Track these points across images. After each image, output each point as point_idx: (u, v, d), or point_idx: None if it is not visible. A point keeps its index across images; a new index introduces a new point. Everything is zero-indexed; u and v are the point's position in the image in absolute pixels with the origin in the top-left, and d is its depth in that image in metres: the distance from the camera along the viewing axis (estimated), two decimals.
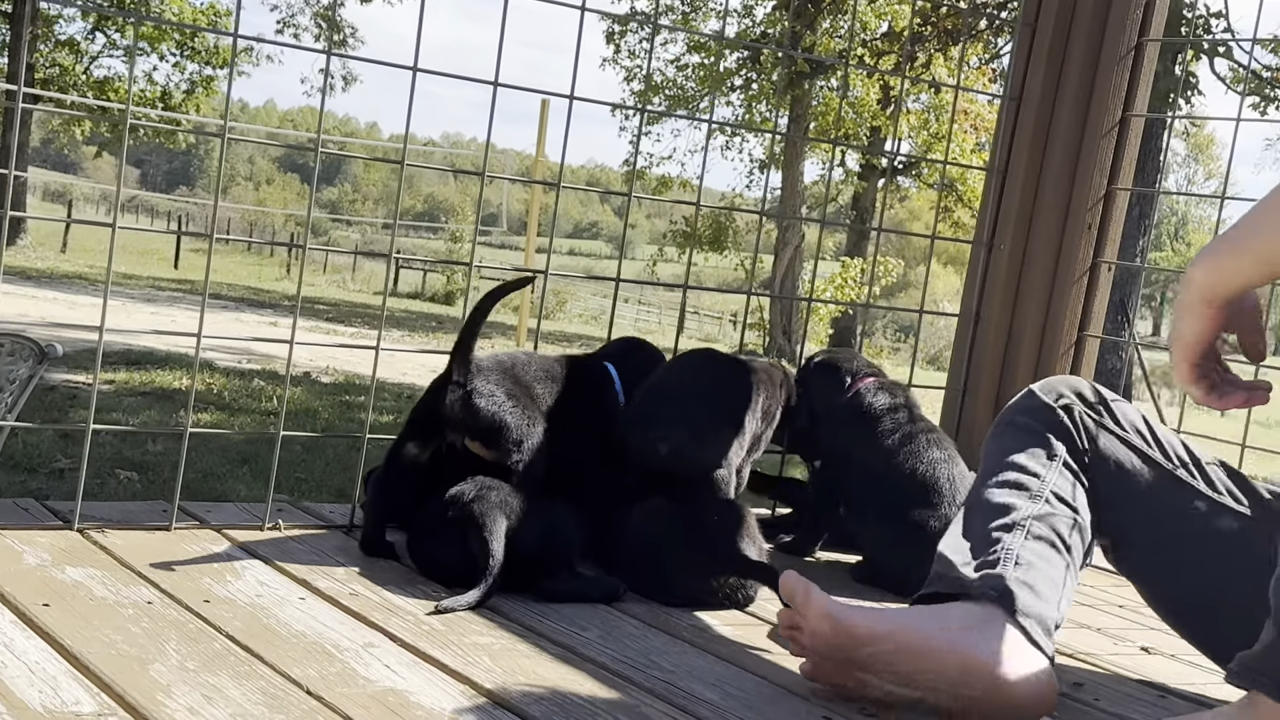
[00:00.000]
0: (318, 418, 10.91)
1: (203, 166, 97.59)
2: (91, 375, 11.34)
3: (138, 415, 9.87)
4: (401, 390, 12.67)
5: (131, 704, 1.70)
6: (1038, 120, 3.23)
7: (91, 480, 7.24)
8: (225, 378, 12.09)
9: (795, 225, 27.29)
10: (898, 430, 2.81)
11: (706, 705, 2.00)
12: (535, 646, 2.16)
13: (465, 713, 1.84)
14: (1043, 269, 3.26)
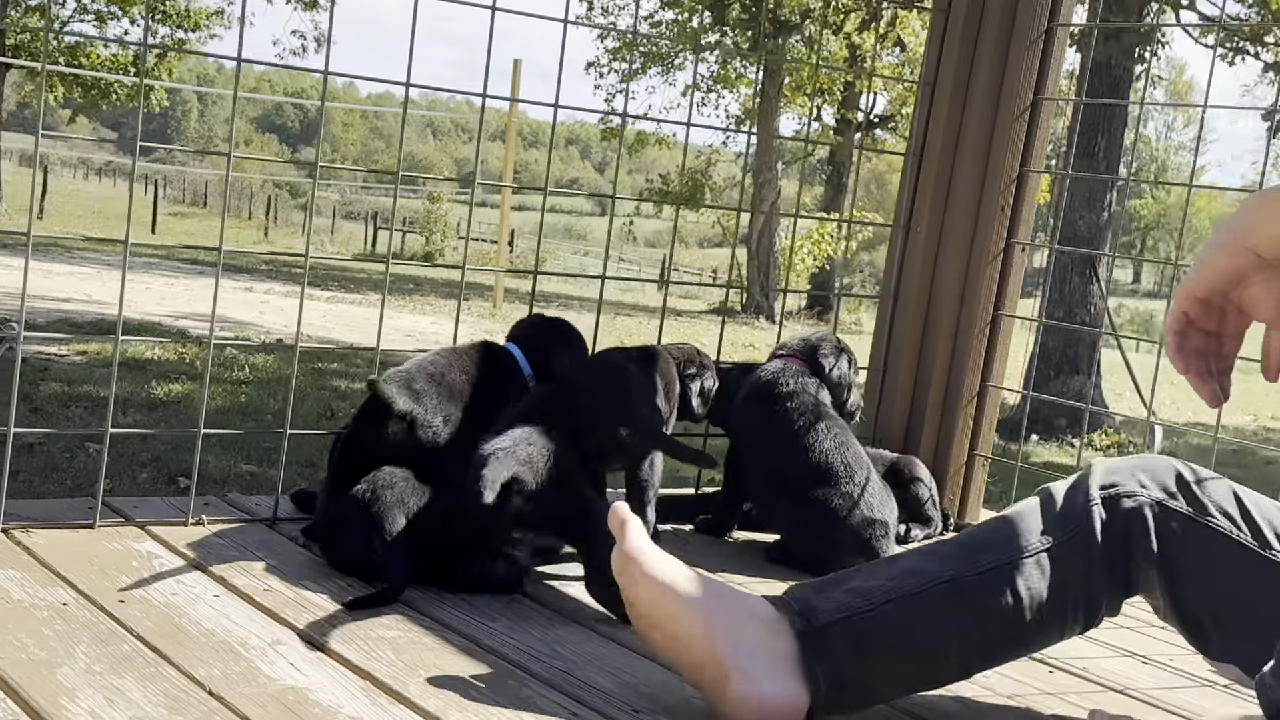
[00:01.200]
0: (288, 386, 10.98)
1: (179, 128, 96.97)
2: (63, 347, 11.36)
3: (108, 386, 9.92)
4: (374, 356, 12.75)
5: (35, 708, 1.78)
6: (951, 104, 3.29)
7: (61, 454, 7.31)
8: (198, 347, 12.13)
9: (772, 181, 27.31)
10: (799, 415, 2.91)
11: (599, 693, 2.09)
12: (440, 639, 2.24)
13: (362, 709, 1.93)
14: (958, 250, 3.33)
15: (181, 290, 17.30)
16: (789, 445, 2.89)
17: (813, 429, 2.90)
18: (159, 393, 9.53)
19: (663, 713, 2.04)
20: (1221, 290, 1.74)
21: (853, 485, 2.86)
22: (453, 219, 34.52)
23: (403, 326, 15.26)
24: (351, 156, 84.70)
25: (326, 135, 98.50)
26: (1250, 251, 1.68)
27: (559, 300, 23.71)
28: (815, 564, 2.89)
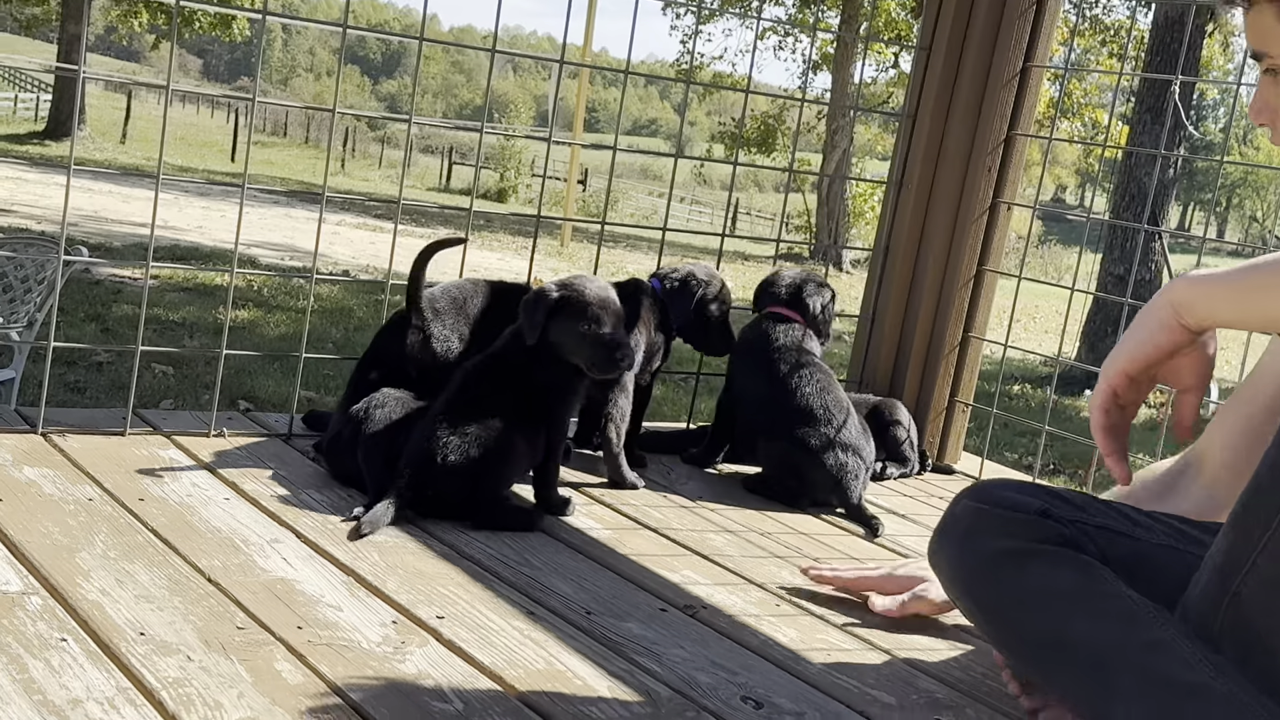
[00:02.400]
0: (352, 316, 11.30)
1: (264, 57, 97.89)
2: (137, 270, 11.76)
3: (179, 310, 10.31)
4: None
5: (53, 585, 2.06)
6: (945, 69, 3.46)
7: (129, 374, 7.70)
8: (266, 275, 12.48)
9: (845, 127, 27.22)
10: (786, 364, 3.13)
11: (559, 597, 2.34)
12: (423, 545, 2.50)
13: (342, 599, 2.19)
14: (947, 207, 3.51)
15: (255, 218, 17.71)
16: (776, 391, 3.12)
17: (797, 375, 3.11)
18: (224, 318, 9.88)
19: (611, 615, 2.28)
20: (1156, 364, 1.82)
21: (830, 428, 3.08)
22: (527, 156, 34.75)
23: (470, 262, 15.55)
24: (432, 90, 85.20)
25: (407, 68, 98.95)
26: (1184, 329, 1.77)
27: (627, 241, 23.90)
28: (789, 497, 3.13)
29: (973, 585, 1.96)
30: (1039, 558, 1.87)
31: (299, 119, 46.05)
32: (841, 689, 2.12)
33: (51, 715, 1.65)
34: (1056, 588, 1.84)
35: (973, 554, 1.94)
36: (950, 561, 2.00)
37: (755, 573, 2.63)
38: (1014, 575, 1.89)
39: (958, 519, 1.99)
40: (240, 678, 1.84)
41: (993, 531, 1.92)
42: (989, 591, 1.94)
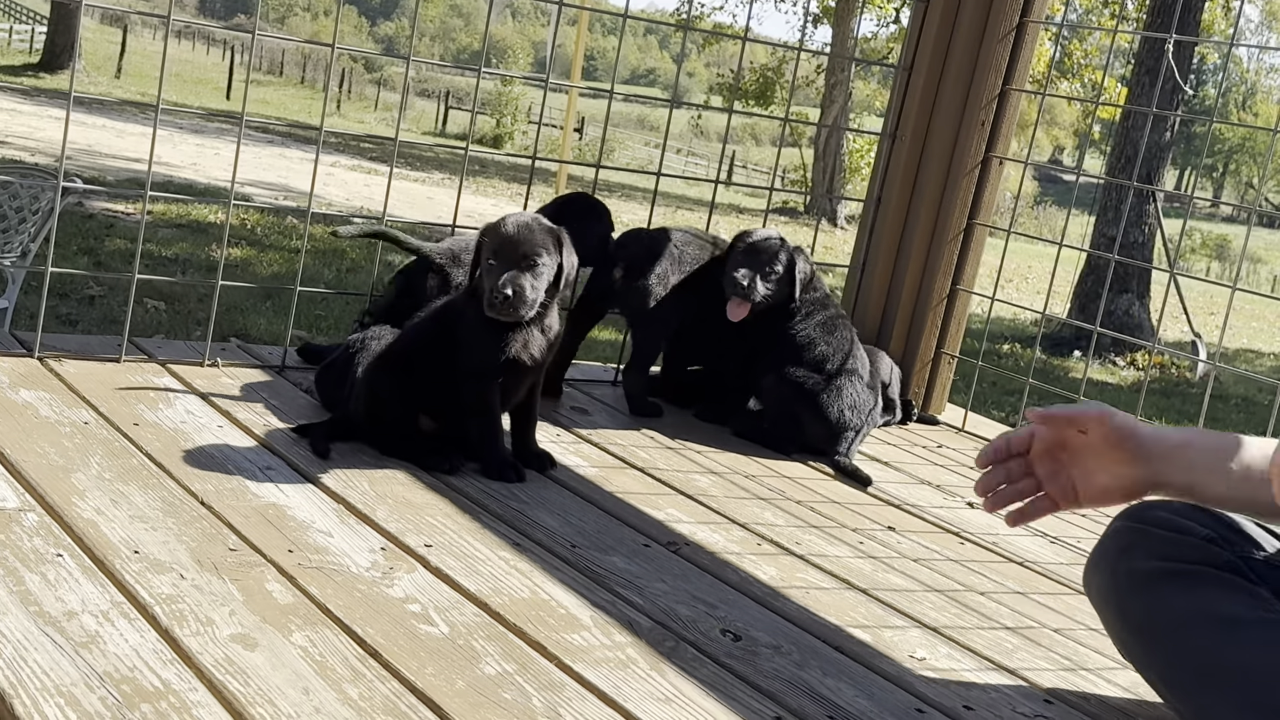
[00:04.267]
0: (345, 258, 11.31)
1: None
2: (130, 205, 11.74)
3: (171, 246, 10.30)
4: (430, 234, 13.05)
5: (49, 503, 2.10)
6: (942, 22, 3.48)
7: (119, 308, 7.69)
8: (260, 214, 12.47)
9: (843, 81, 27.12)
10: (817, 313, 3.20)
11: (543, 530, 2.38)
12: (413, 477, 2.54)
13: (332, 526, 2.23)
14: (939, 161, 3.54)
15: (250, 157, 17.65)
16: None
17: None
18: (218, 255, 9.87)
19: (596, 549, 2.33)
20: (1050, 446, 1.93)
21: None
22: (524, 103, 34.58)
23: (465, 207, 15.53)
24: (429, 33, 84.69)
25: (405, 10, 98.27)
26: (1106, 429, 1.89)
27: (622, 191, 23.85)
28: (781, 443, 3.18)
29: (1127, 605, 1.95)
30: (1204, 581, 1.85)
31: (295, 59, 45.75)
32: (819, 624, 2.17)
33: (48, 626, 1.70)
34: (1221, 613, 1.81)
35: (1129, 573, 1.93)
36: (1104, 580, 1.99)
37: (738, 513, 2.68)
38: (1175, 596, 1.87)
39: (1115, 536, 1.99)
40: (232, 596, 1.89)
41: (1153, 552, 1.91)
42: (1145, 612, 1.91)
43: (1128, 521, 1.98)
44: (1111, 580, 1.97)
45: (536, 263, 2.50)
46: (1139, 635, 1.94)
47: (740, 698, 1.86)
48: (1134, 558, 1.93)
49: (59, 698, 1.53)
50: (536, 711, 1.72)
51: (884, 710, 1.90)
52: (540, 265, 2.50)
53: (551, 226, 2.56)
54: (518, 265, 2.49)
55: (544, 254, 2.51)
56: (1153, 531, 1.94)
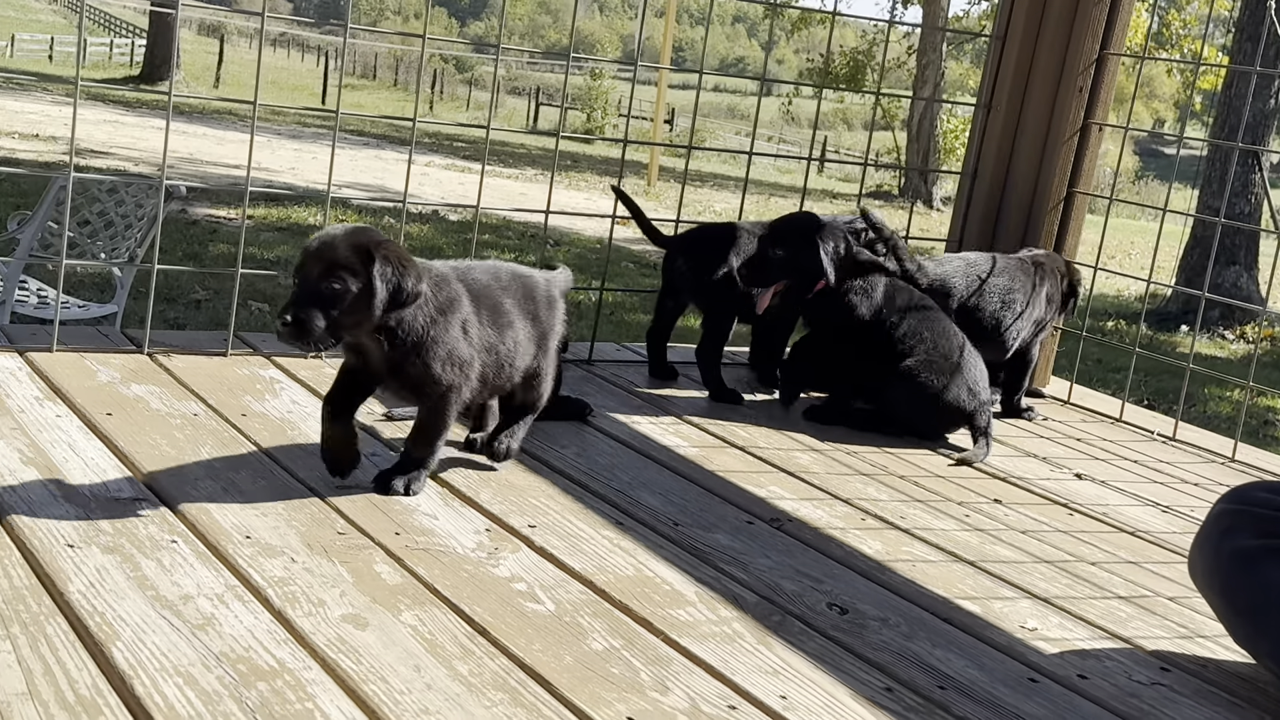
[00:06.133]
0: (441, 254, 11.43)
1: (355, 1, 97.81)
2: (232, 210, 11.97)
3: (273, 249, 10.49)
4: (525, 229, 13.12)
5: (163, 492, 2.14)
6: None
7: (224, 311, 7.84)
8: (358, 215, 12.64)
9: (935, 63, 26.81)
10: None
11: (646, 509, 2.39)
12: (514, 461, 2.56)
13: (437, 509, 2.25)
14: (1035, 129, 3.48)
15: (345, 159, 17.88)
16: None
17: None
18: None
19: (699, 527, 2.33)
20: None
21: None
22: (614, 96, 34.64)
23: (558, 201, 15.60)
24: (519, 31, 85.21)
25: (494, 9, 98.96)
26: None
27: (714, 180, 23.81)
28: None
29: (1233, 585, 1.94)
30: None
31: (387, 62, 46.28)
32: (926, 597, 2.15)
33: (165, 609, 1.73)
34: None
35: (1233, 554, 1.93)
36: (1209, 562, 1.98)
37: (840, 489, 2.66)
38: (1275, 574, 1.87)
39: (1217, 520, 1.98)
40: (342, 578, 1.92)
41: (1257, 531, 1.90)
42: (1251, 590, 1.90)
43: (1229, 504, 1.96)
44: (1215, 562, 1.95)
45: (333, 288, 2.12)
46: (1248, 616, 1.92)
47: (849, 670, 1.85)
48: (1237, 538, 1.92)
49: (177, 678, 1.56)
50: (645, 685, 1.72)
51: (995, 680, 1.88)
52: (336, 290, 2.12)
53: (361, 243, 2.15)
54: (313, 288, 2.13)
55: (345, 276, 2.12)
56: (1255, 511, 1.92)
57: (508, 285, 2.44)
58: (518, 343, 2.39)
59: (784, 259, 3.05)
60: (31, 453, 2.22)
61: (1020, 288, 3.23)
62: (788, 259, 3.04)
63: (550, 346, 2.51)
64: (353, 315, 2.15)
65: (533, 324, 2.44)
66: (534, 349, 2.45)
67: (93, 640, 1.62)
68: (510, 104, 38.91)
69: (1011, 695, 1.84)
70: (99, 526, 1.97)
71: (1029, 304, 3.25)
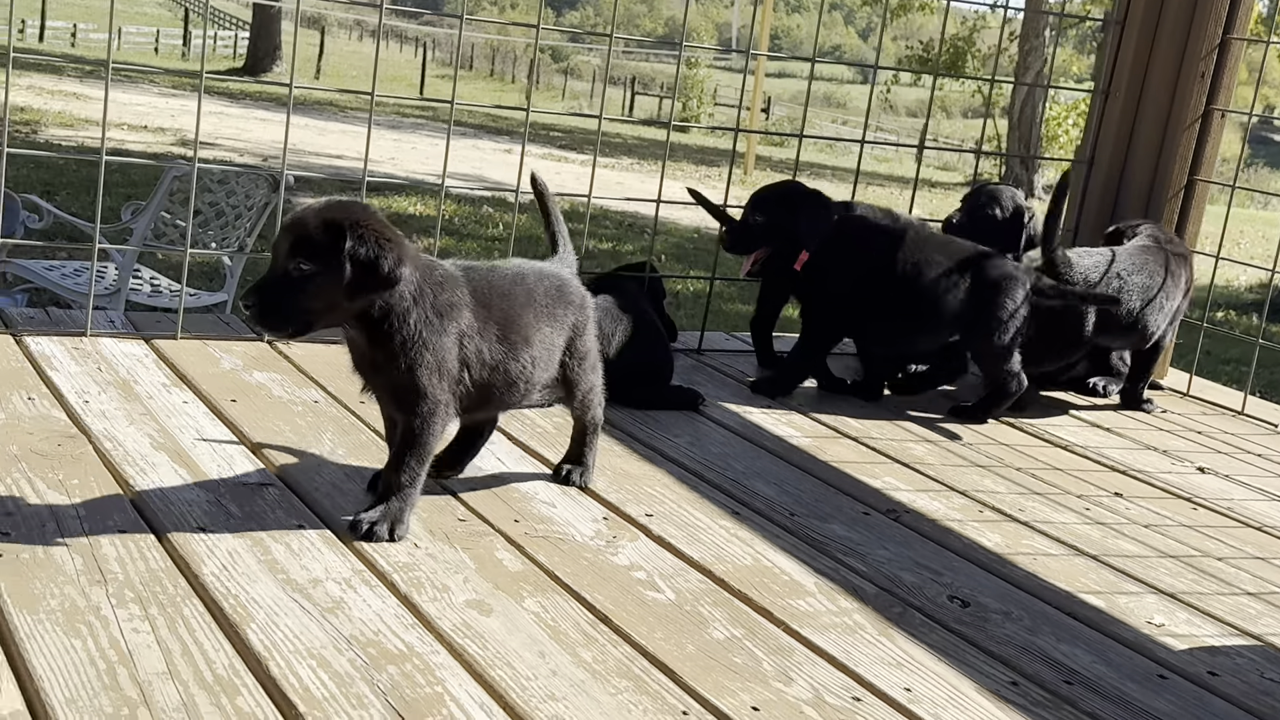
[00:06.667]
0: (540, 244, 11.50)
1: None
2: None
3: None
4: (623, 219, 13.15)
5: (288, 478, 2.18)
6: None
7: None
8: (457, 204, 12.75)
9: (1038, 48, 26.39)
10: None
11: (761, 499, 2.38)
12: (628, 448, 2.57)
13: (556, 497, 2.26)
14: (1155, 116, 3.41)
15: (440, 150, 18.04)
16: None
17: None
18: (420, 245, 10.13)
19: (815, 517, 2.32)
20: None
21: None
22: (709, 85, 34.56)
23: (652, 190, 15.61)
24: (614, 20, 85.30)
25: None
26: None
27: (811, 169, 23.68)
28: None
29: None
30: None
31: (484, 52, 46.58)
32: (1048, 591, 2.13)
33: (295, 593, 1.76)
34: None
35: None
36: None
37: (957, 480, 2.64)
38: None
39: None
40: (464, 564, 1.94)
41: None
42: None
43: None
44: None
45: (301, 268, 1.92)
46: None
47: (973, 663, 1.83)
48: None
49: (311, 660, 1.59)
50: (768, 675, 1.72)
51: (1123, 676, 1.85)
52: (304, 271, 1.92)
53: (334, 219, 1.93)
54: (280, 269, 1.94)
55: (314, 256, 1.91)
56: None
57: (533, 291, 2.18)
58: (535, 359, 2.13)
59: (764, 225, 3.07)
60: (161, 438, 2.26)
61: (1156, 277, 3.17)
62: (767, 225, 3.07)
63: (587, 352, 2.27)
64: (321, 299, 1.93)
65: (560, 333, 2.20)
66: (562, 360, 2.21)
67: (228, 622, 1.66)
68: (607, 93, 39.04)
69: (1140, 691, 1.81)
70: (228, 510, 2.01)
71: (1165, 293, 3.17)
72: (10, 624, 1.57)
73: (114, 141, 13.21)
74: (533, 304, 2.16)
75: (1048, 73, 26.57)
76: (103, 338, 2.79)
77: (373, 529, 1.97)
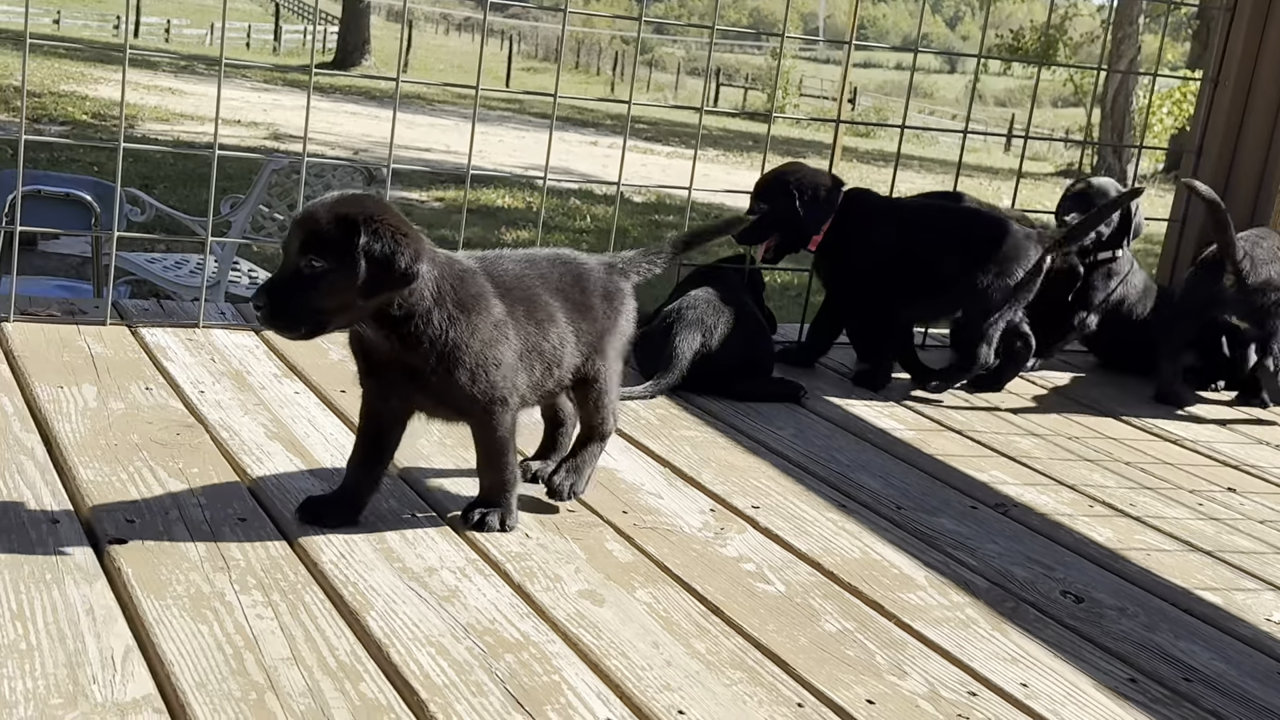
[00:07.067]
0: (627, 235, 11.51)
1: None
2: (423, 192, 12.25)
3: (465, 231, 10.69)
4: (709, 210, 13.13)
5: (398, 466, 2.21)
6: None
7: None
8: (545, 196, 12.82)
9: (1131, 36, 25.95)
10: None
11: (867, 492, 2.37)
12: (732, 440, 2.57)
13: (663, 488, 2.27)
14: (1266, 105, 3.35)
15: (531, 143, 18.13)
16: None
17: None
18: (508, 238, 10.18)
19: (922, 511, 2.31)
20: None
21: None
22: (795, 76, 34.43)
23: (738, 181, 15.57)
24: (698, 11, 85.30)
25: None
26: None
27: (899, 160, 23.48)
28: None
29: None
30: None
31: (570, 45, 46.76)
32: (1163, 587, 2.10)
33: (412, 581, 1.79)
34: None
35: None
36: None
37: (1065, 474, 2.61)
38: None
39: None
40: (575, 555, 1.95)
41: None
42: None
43: None
44: None
45: (313, 265, 1.82)
46: None
47: (1090, 659, 1.81)
48: None
49: (430, 647, 1.61)
50: (881, 668, 1.71)
51: (1243, 674, 1.82)
52: (316, 269, 1.82)
53: (347, 214, 1.82)
54: (292, 266, 1.84)
55: (325, 253, 1.81)
56: None
57: (547, 275, 2.07)
58: (563, 339, 2.03)
59: (768, 214, 3.04)
60: (275, 428, 2.30)
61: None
62: (771, 213, 3.03)
63: (609, 349, 2.12)
64: (335, 298, 1.83)
65: (582, 319, 2.08)
66: (585, 350, 2.08)
67: (348, 609, 1.68)
68: (690, 85, 38.92)
69: (1262, 689, 1.79)
70: None
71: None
72: (139, 609, 1.61)
73: (209, 135, 13.43)
74: (547, 285, 2.06)
75: (1138, 60, 26.12)
76: (215, 329, 2.84)
77: (484, 519, 1.98)
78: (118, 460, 2.06)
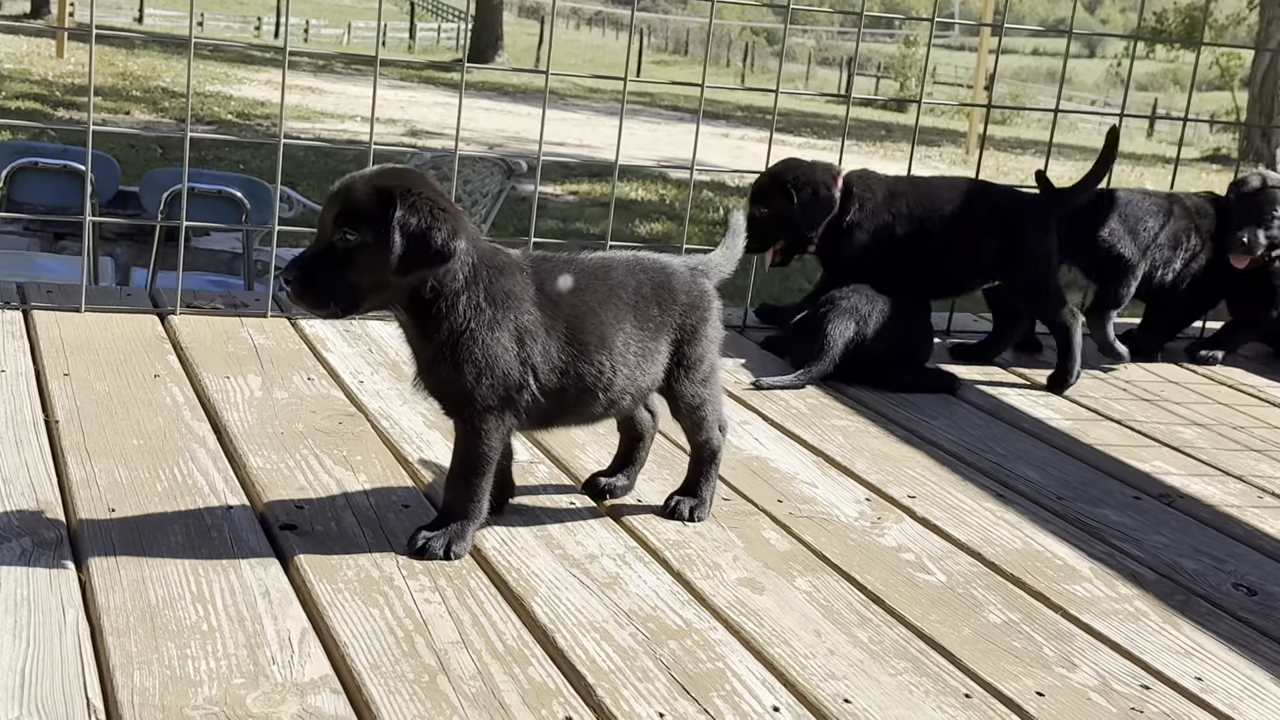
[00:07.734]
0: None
1: None
2: (558, 186, 12.36)
3: (598, 224, 10.76)
4: None
5: (555, 456, 2.23)
6: None
7: None
8: (677, 189, 12.83)
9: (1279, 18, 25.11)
10: None
11: (1025, 482, 2.33)
12: (884, 430, 2.54)
13: (817, 477, 2.26)
14: None
15: (663, 135, 18.15)
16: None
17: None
18: (641, 230, 10.22)
19: (1083, 500, 2.26)
20: None
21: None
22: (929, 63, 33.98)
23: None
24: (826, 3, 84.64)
25: None
26: None
27: (1035, 148, 23.06)
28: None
29: None
30: None
31: (699, 37, 46.68)
32: None
33: (573, 567, 1.80)
34: None
35: None
36: None
37: (1232, 465, 2.54)
38: None
39: None
40: (732, 543, 1.95)
41: None
42: None
43: None
44: None
45: (347, 239, 1.72)
46: None
47: (1266, 652, 1.76)
48: None
49: (594, 633, 1.62)
50: (1050, 660, 1.68)
51: None
52: (350, 242, 1.72)
53: (385, 186, 1.74)
54: (325, 241, 1.75)
55: (360, 226, 1.72)
56: None
57: (619, 286, 1.89)
58: (615, 365, 1.86)
59: (769, 217, 2.95)
60: (433, 416, 2.32)
61: None
62: (773, 217, 2.95)
63: (695, 361, 1.95)
64: (368, 274, 1.72)
65: (655, 337, 1.91)
66: (656, 372, 1.92)
67: (512, 594, 1.70)
68: (821, 75, 38.66)
69: None
70: None
71: None
72: (313, 593, 1.64)
73: (349, 133, 13.69)
74: (615, 300, 1.88)
75: None
76: (370, 321, 2.89)
77: (428, 544, 1.78)
78: (285, 448, 2.11)
